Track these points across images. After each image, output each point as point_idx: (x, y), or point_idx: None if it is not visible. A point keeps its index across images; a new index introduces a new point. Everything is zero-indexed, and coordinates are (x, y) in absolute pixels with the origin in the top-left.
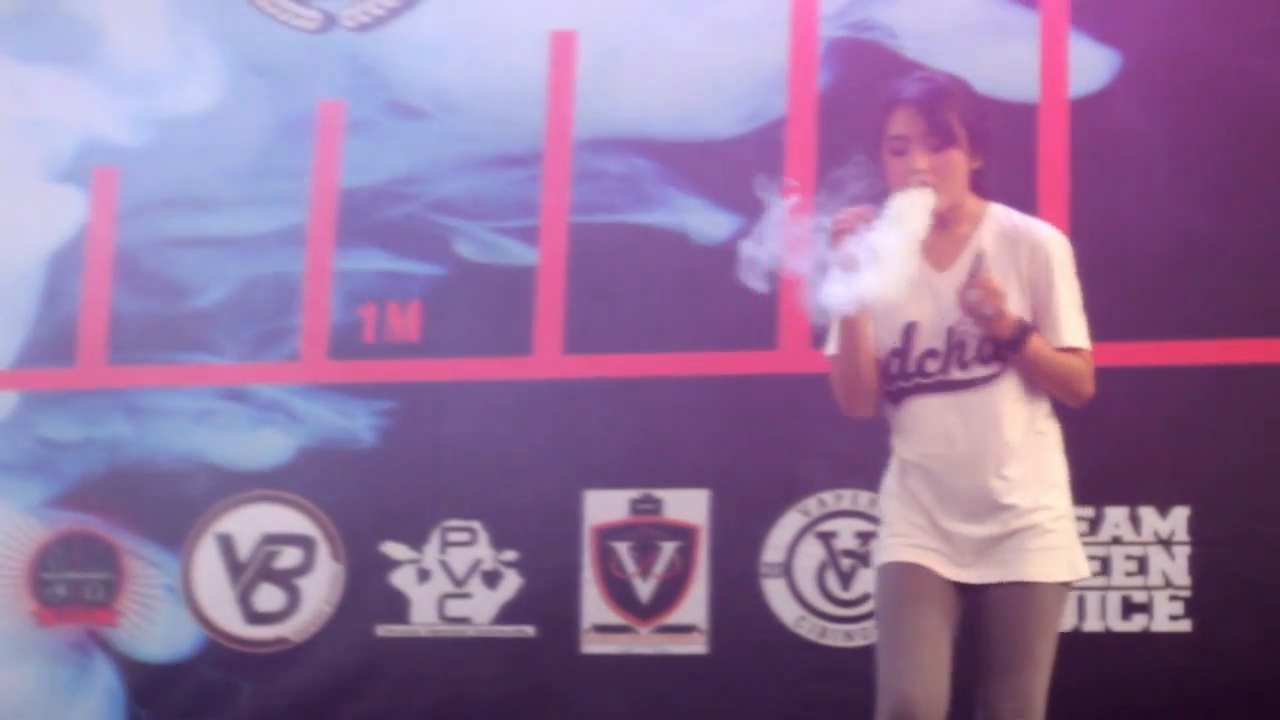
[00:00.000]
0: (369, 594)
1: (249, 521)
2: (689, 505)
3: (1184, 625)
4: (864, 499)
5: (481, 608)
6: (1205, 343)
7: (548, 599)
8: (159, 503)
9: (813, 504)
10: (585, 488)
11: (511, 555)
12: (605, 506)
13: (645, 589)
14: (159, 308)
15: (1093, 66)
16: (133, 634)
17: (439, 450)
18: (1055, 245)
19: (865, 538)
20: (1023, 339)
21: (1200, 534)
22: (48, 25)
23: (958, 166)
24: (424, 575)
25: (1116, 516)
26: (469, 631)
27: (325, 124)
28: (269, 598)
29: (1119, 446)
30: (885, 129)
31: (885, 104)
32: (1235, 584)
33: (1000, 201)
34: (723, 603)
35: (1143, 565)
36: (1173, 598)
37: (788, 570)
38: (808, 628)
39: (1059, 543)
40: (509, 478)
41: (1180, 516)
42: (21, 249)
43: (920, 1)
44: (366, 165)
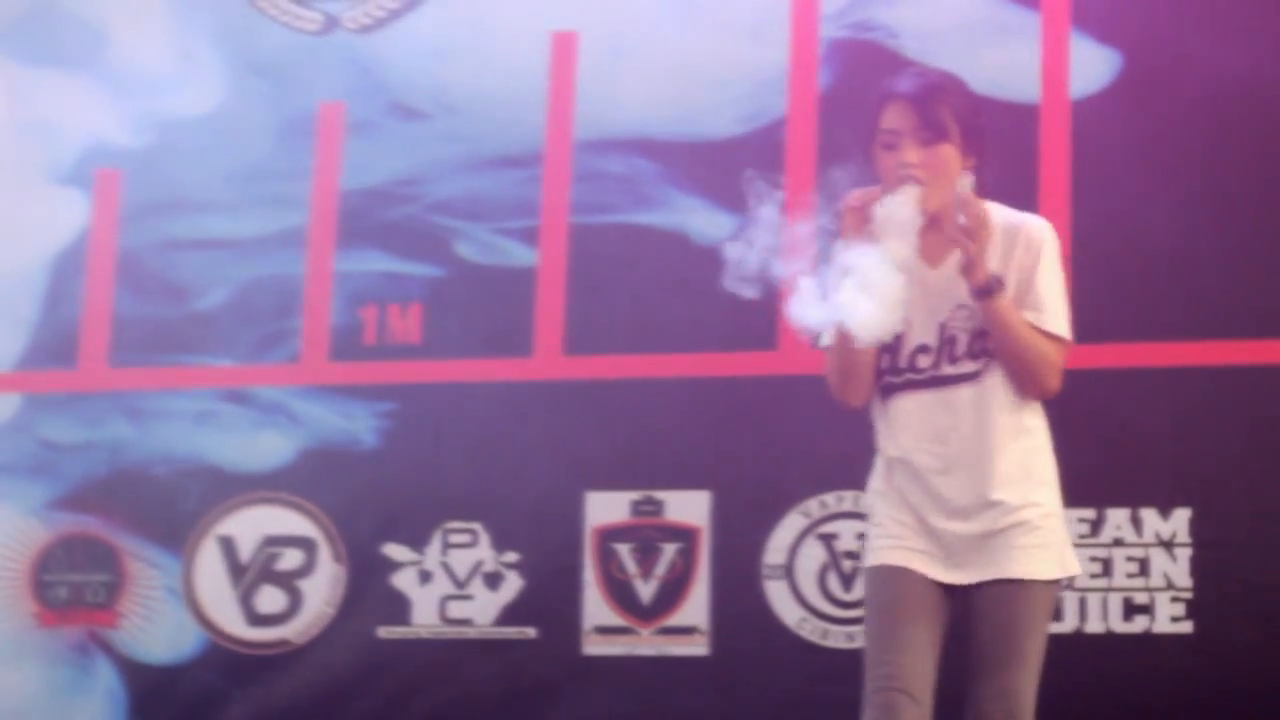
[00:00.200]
0: (370, 596)
1: (250, 523)
2: (690, 507)
3: (1185, 627)
4: (866, 501)
5: (483, 609)
6: (1206, 344)
7: (549, 600)
8: (160, 505)
9: (814, 505)
10: (586, 489)
11: (513, 557)
12: (606, 508)
13: (646, 590)
14: (161, 310)
15: (1094, 67)
16: (134, 636)
17: (440, 452)
18: (1047, 235)
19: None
20: (994, 290)
21: (1202, 535)
22: (50, 28)
23: (950, 162)
24: (425, 577)
25: (1118, 518)
26: (470, 633)
27: (326, 125)
28: (270, 599)
29: (1120, 448)
30: (878, 123)
31: (878, 98)
32: (1237, 586)
33: (1001, 202)
34: (724, 604)
35: (1144, 567)
36: (1174, 599)
37: (789, 572)
38: (809, 629)
39: (1048, 540)
40: (510, 479)
41: (1182, 518)
42: (24, 252)
43: (921, 2)
44: (367, 166)
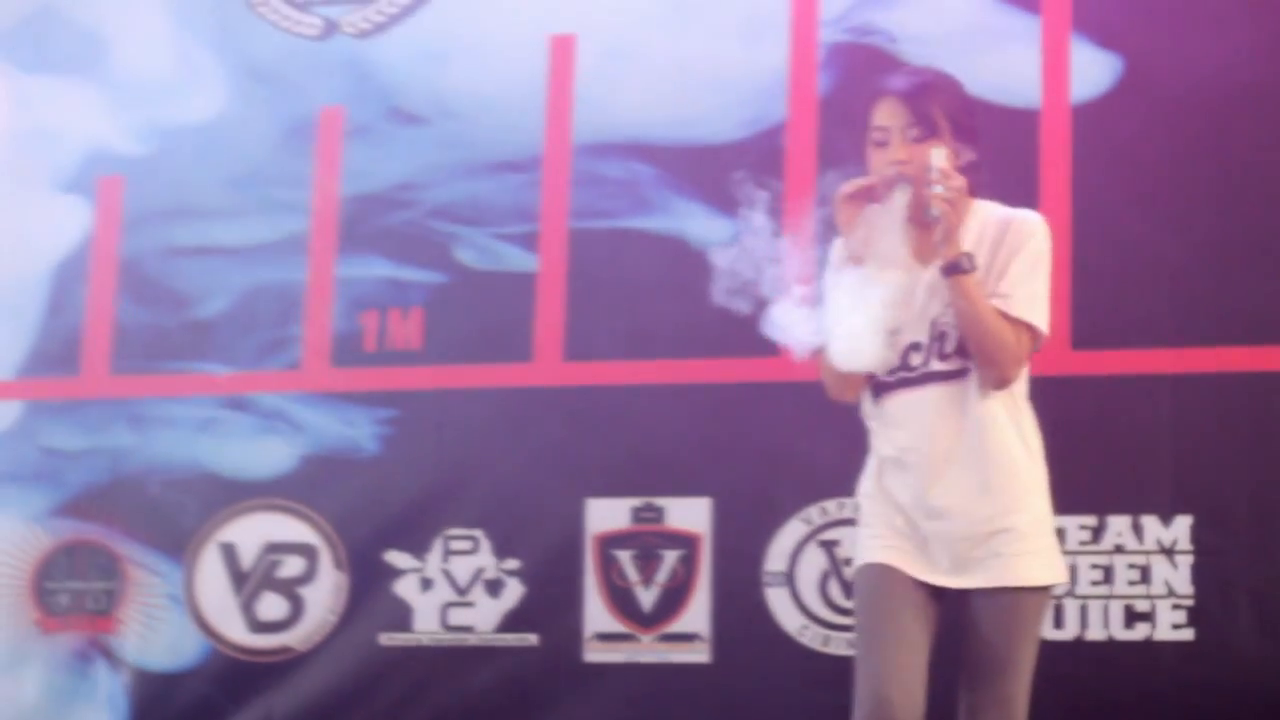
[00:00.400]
0: (372, 603)
1: (252, 530)
2: (691, 514)
3: (1186, 634)
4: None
5: (484, 616)
6: (1208, 350)
7: (550, 607)
8: (162, 512)
9: (815, 512)
10: (587, 496)
11: (514, 564)
12: (607, 515)
13: (647, 597)
14: (162, 317)
15: (1095, 72)
16: (136, 643)
17: (441, 458)
18: (1036, 227)
19: None
20: (964, 267)
21: (1203, 543)
22: (51, 35)
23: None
24: (427, 584)
25: (1119, 525)
26: (471, 640)
27: (326, 131)
28: (272, 607)
29: (1121, 454)
30: (869, 121)
31: (870, 96)
32: (1238, 593)
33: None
34: (725, 611)
35: (1145, 574)
36: (1175, 606)
37: (790, 579)
38: (810, 636)
39: (1038, 546)
40: (510, 486)
41: (1183, 525)
42: (26, 259)
43: (921, 6)
44: (367, 172)
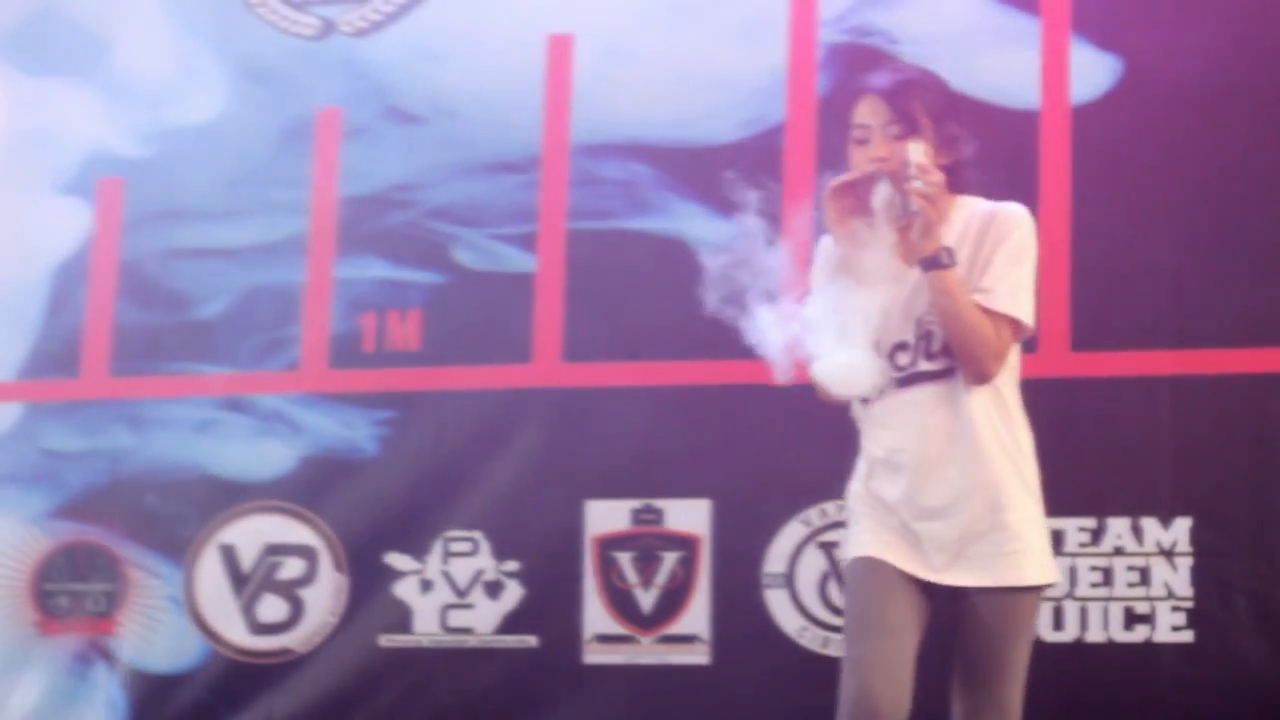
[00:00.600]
0: (372, 604)
1: (251, 532)
2: (690, 515)
3: (1186, 636)
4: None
5: (484, 618)
6: (1207, 352)
7: (550, 609)
8: (161, 513)
9: (814, 514)
10: (586, 498)
11: (513, 565)
12: (606, 517)
13: (647, 599)
14: (161, 318)
15: (1094, 73)
16: (136, 645)
17: (440, 460)
18: (1019, 220)
19: None
20: (943, 262)
21: (1202, 545)
22: (50, 37)
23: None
24: (426, 586)
25: (1119, 527)
26: (471, 641)
27: (324, 131)
28: (272, 608)
29: (1121, 457)
30: (851, 119)
31: (852, 94)
32: (1237, 595)
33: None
34: (725, 613)
35: (1145, 576)
36: (1175, 608)
37: (790, 580)
38: (810, 638)
39: (1030, 545)
40: (510, 488)
41: (1182, 527)
42: (26, 260)
43: (920, 7)
44: (365, 172)
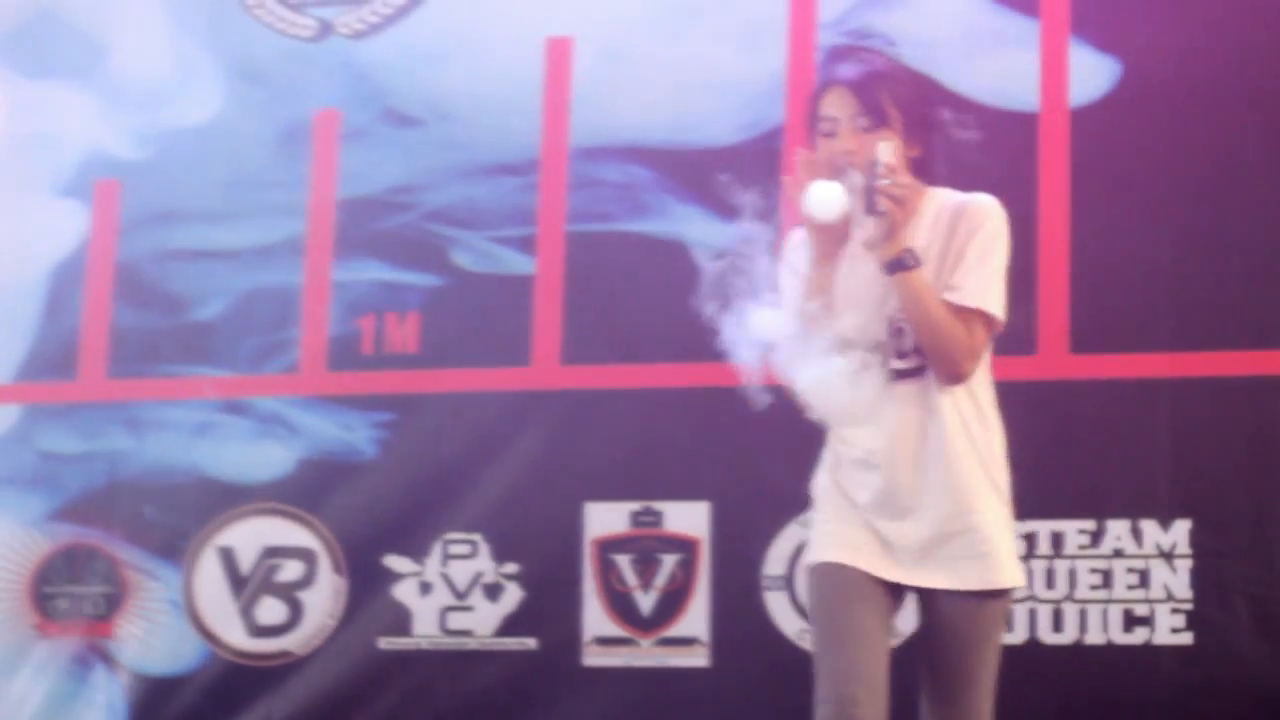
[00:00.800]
0: (371, 607)
1: (250, 534)
2: (690, 518)
3: (1185, 638)
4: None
5: (483, 620)
6: (1207, 354)
7: (549, 612)
8: (160, 516)
9: None
10: (585, 500)
11: (512, 568)
12: (605, 519)
13: (646, 601)
14: (160, 320)
15: (1093, 75)
16: (135, 647)
17: (439, 462)
18: (990, 212)
19: None
20: (908, 264)
21: (1202, 547)
22: (47, 40)
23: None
24: (425, 588)
25: (1118, 529)
26: (471, 644)
27: (321, 133)
28: (271, 611)
29: (1120, 459)
30: (818, 111)
31: (819, 86)
32: (1237, 597)
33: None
34: (724, 615)
35: (1144, 578)
36: (1174, 610)
37: (789, 583)
38: (810, 641)
39: (998, 548)
40: (509, 490)
41: (1182, 529)
42: (23, 262)
43: (919, 9)
44: (363, 175)
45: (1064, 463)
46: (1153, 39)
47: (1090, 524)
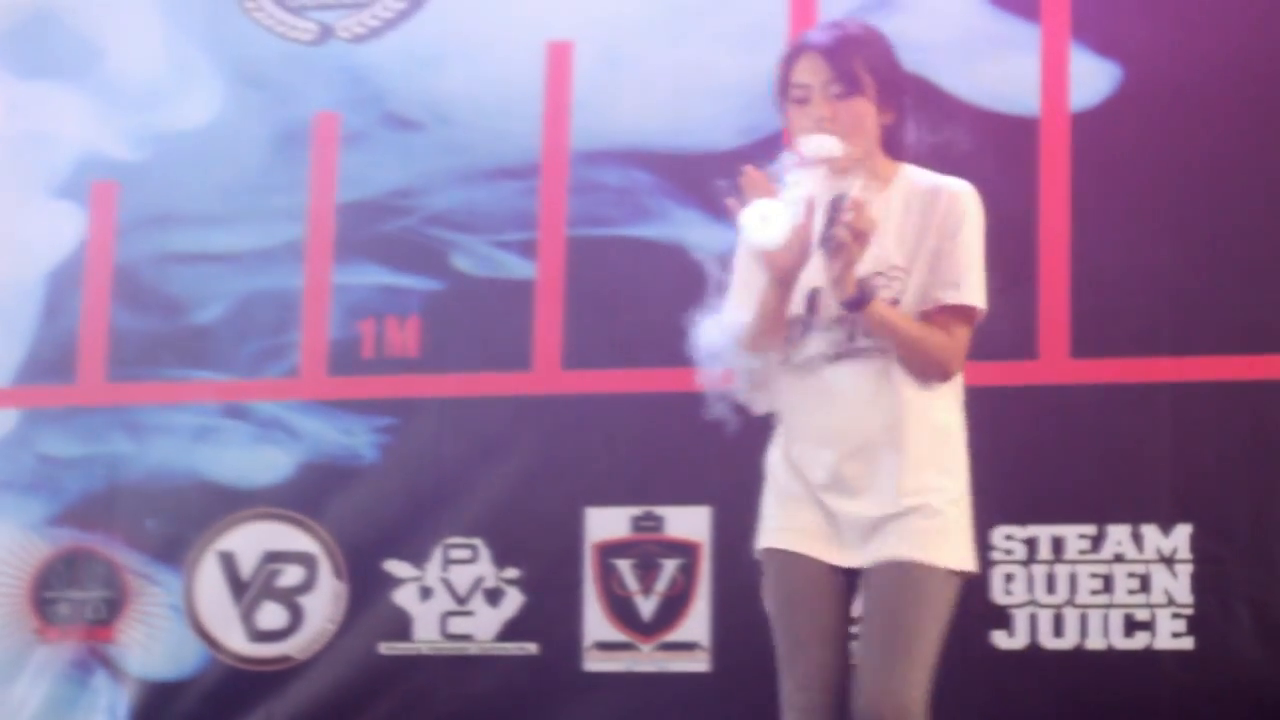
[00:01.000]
0: (371, 611)
1: (250, 539)
2: (691, 522)
3: (1186, 643)
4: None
5: (484, 625)
6: (1208, 359)
7: (549, 616)
8: (160, 520)
9: None
10: (586, 505)
11: (513, 573)
12: (606, 524)
13: (647, 606)
14: (158, 324)
15: (1094, 79)
16: (135, 652)
17: (439, 467)
18: (969, 199)
19: None
20: (867, 299)
21: (1203, 551)
22: (45, 41)
23: (864, 117)
24: (426, 593)
25: (1119, 534)
26: (471, 649)
27: (321, 137)
28: (272, 616)
29: (1121, 464)
30: (789, 77)
31: (790, 51)
32: (1238, 602)
33: (1000, 214)
34: (725, 620)
35: (1145, 583)
36: (1175, 615)
37: None
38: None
39: (948, 526)
40: (509, 494)
41: (1183, 534)
42: (21, 265)
43: (920, 14)
44: (363, 178)
45: (1065, 467)
46: (1153, 43)
47: (1091, 529)
